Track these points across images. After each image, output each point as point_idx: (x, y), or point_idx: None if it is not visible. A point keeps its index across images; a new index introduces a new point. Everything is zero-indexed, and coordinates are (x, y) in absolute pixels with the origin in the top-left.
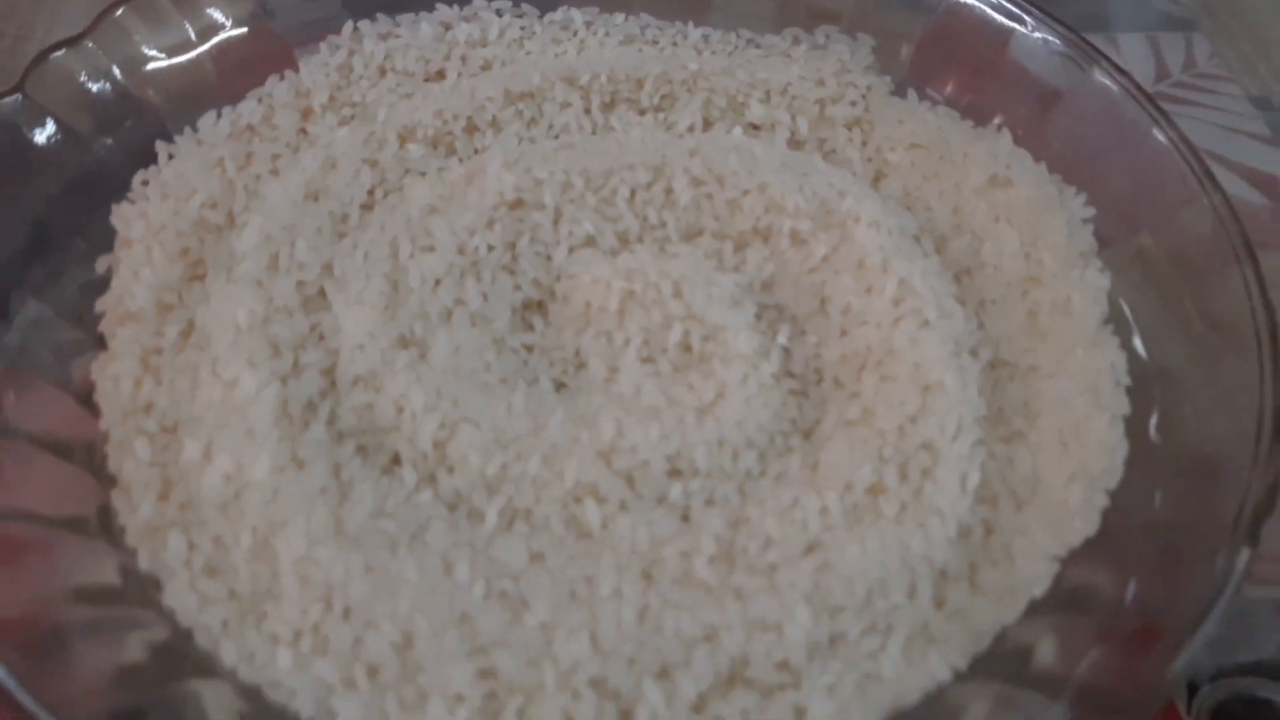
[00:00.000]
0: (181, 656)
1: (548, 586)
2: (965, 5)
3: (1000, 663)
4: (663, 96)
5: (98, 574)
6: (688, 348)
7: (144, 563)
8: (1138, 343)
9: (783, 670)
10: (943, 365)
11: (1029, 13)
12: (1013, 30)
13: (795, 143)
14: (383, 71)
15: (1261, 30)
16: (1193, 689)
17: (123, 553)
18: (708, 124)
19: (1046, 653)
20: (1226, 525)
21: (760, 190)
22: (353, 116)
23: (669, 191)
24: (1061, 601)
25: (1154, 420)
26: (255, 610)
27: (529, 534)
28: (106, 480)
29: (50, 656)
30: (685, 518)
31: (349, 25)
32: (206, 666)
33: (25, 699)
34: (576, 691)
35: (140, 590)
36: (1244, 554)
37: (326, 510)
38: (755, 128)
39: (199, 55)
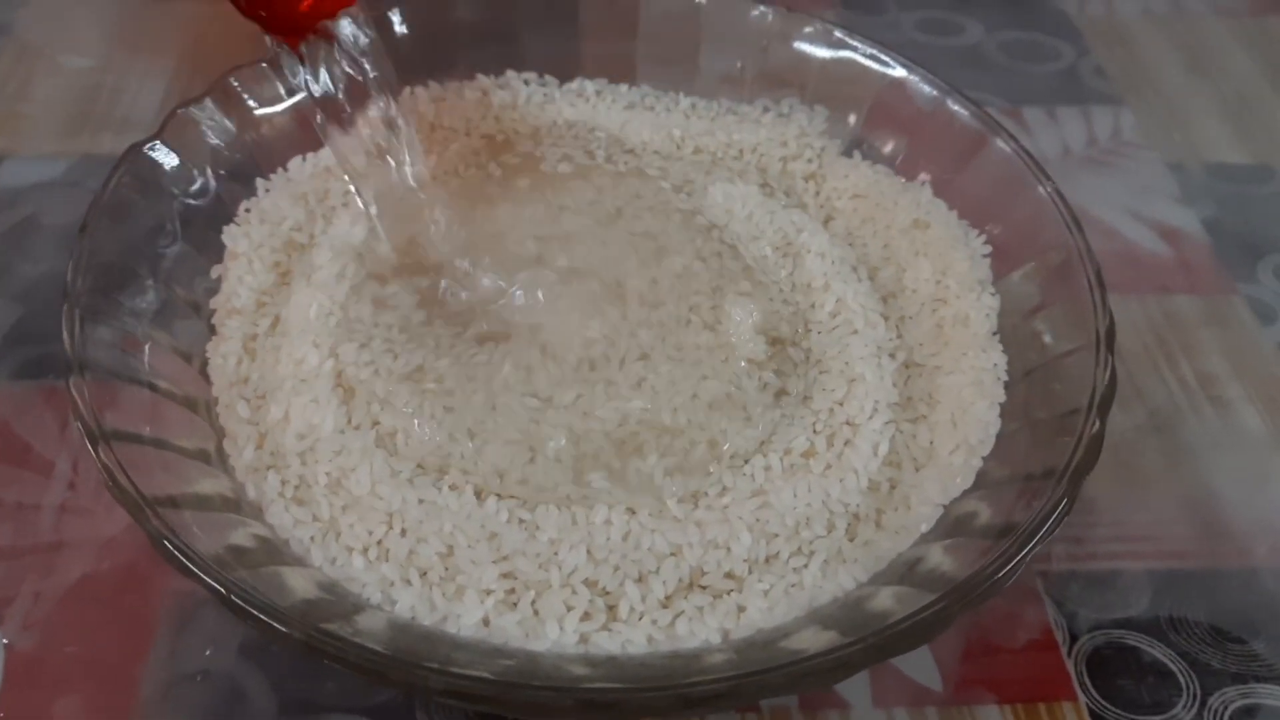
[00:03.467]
0: (278, 551)
1: (555, 515)
2: (900, 83)
3: (893, 571)
4: (654, 153)
5: (216, 488)
6: None
7: (250, 493)
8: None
9: (729, 579)
10: (865, 363)
11: (949, 93)
12: (936, 105)
13: (766, 189)
14: (433, 128)
15: (1178, 107)
16: (1074, 639)
17: (234, 483)
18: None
19: (928, 564)
20: (1060, 472)
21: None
22: None
23: None
24: (944, 531)
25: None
26: (334, 528)
27: None
28: (219, 430)
29: (181, 531)
30: None
31: (406, 91)
32: (297, 562)
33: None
34: (574, 589)
35: (249, 508)
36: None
37: (382, 459)
38: None
39: (287, 109)
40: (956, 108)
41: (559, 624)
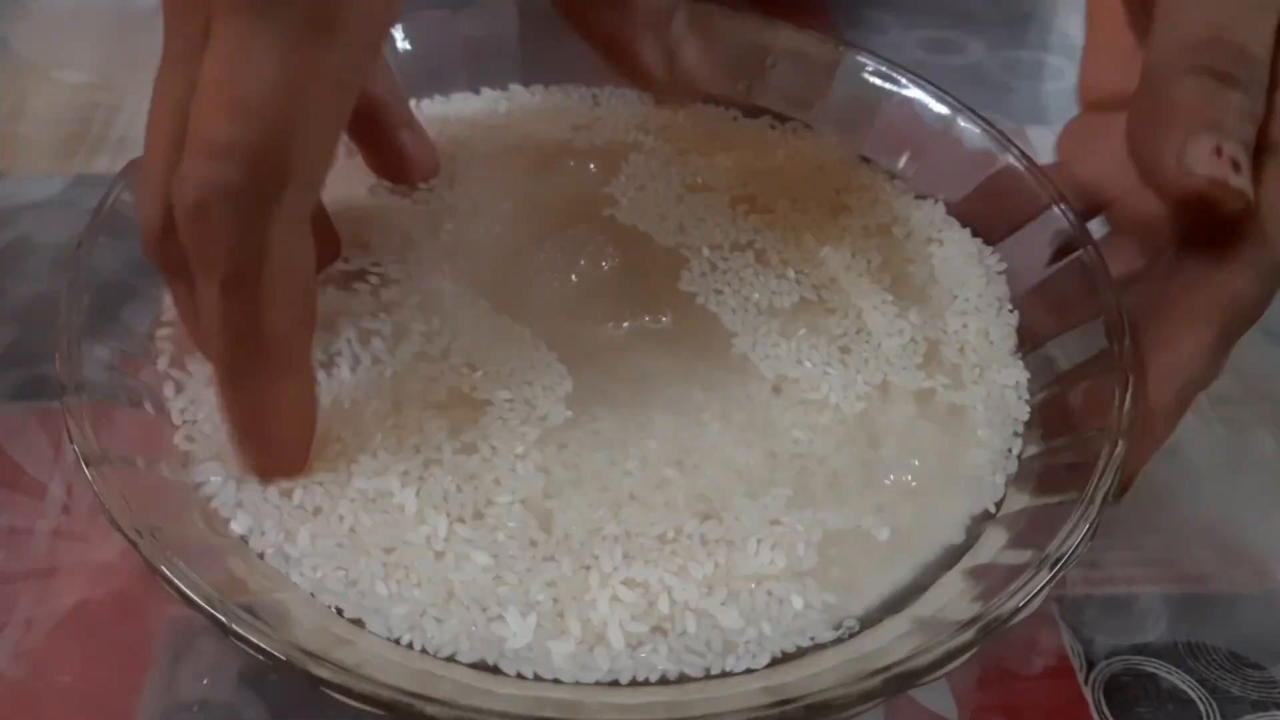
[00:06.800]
0: (281, 577)
1: None
2: (909, 101)
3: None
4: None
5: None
6: None
7: (246, 508)
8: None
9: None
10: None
11: (960, 110)
12: (947, 123)
13: None
14: None
15: None
16: (1090, 665)
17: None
18: None
19: (948, 590)
20: (1083, 495)
21: None
22: None
23: None
24: (968, 545)
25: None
26: (362, 549)
27: None
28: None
29: (179, 557)
30: None
31: (412, 103)
32: (303, 587)
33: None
34: (615, 592)
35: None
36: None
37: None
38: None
39: None
40: (967, 125)
41: (607, 647)
